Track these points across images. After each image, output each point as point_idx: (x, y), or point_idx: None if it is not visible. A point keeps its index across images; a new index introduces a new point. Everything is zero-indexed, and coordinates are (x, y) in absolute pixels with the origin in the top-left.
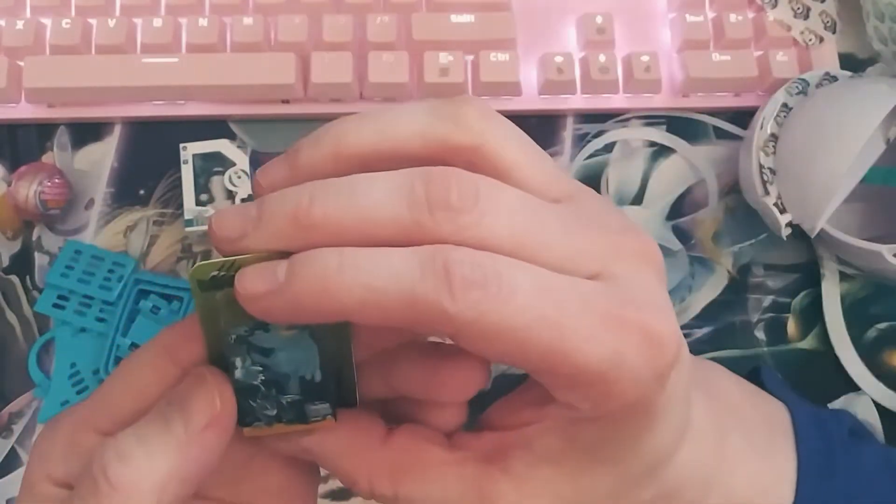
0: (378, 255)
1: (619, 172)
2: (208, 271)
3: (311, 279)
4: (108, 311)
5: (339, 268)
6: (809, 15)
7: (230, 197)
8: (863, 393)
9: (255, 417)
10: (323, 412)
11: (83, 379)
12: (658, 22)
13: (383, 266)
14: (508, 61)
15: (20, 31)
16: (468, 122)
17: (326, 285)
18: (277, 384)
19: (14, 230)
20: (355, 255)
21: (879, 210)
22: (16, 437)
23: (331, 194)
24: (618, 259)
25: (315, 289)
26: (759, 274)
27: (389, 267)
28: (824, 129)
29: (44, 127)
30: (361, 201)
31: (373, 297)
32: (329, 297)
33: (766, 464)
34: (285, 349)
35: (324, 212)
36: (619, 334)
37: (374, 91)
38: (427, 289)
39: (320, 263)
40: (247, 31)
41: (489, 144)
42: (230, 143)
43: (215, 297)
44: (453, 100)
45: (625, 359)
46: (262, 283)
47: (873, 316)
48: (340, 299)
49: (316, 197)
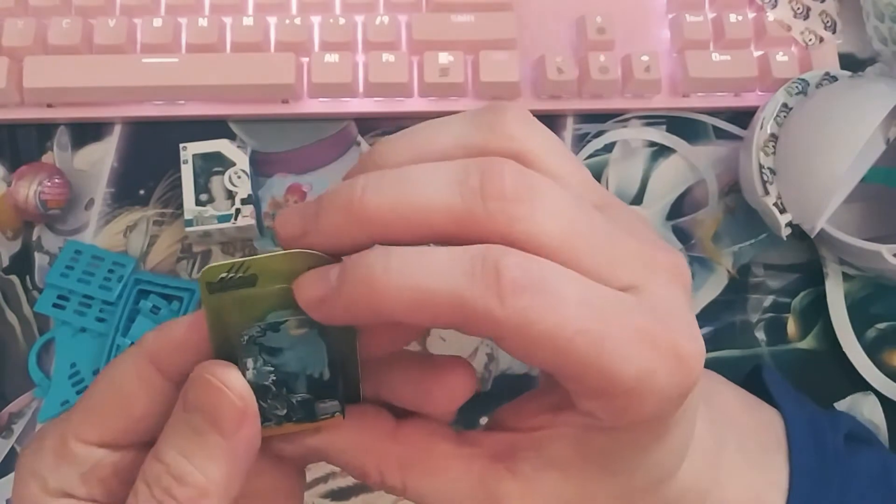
0: (427, 254)
1: (619, 172)
2: (217, 273)
3: (360, 282)
4: (108, 311)
5: (386, 270)
6: (809, 15)
7: (230, 197)
8: (868, 393)
9: (266, 418)
10: (332, 409)
11: (83, 379)
12: (658, 22)
13: (432, 267)
14: (508, 61)
15: (20, 31)
16: (507, 130)
17: (375, 288)
18: (287, 383)
19: (14, 230)
20: (403, 255)
21: (879, 210)
22: (16, 437)
23: (384, 184)
24: (652, 273)
25: (365, 292)
26: (759, 274)
27: (438, 268)
28: (824, 129)
29: (44, 127)
30: (414, 190)
31: (421, 298)
32: (379, 299)
33: (759, 476)
34: (294, 348)
35: (377, 202)
36: (652, 352)
37: (375, 91)
38: (476, 292)
39: (368, 265)
40: (246, 30)
41: (529, 151)
42: (230, 143)
43: (224, 299)
44: (491, 107)
45: (655, 376)
46: (318, 288)
47: (874, 316)
48: (390, 301)
49: (368, 187)
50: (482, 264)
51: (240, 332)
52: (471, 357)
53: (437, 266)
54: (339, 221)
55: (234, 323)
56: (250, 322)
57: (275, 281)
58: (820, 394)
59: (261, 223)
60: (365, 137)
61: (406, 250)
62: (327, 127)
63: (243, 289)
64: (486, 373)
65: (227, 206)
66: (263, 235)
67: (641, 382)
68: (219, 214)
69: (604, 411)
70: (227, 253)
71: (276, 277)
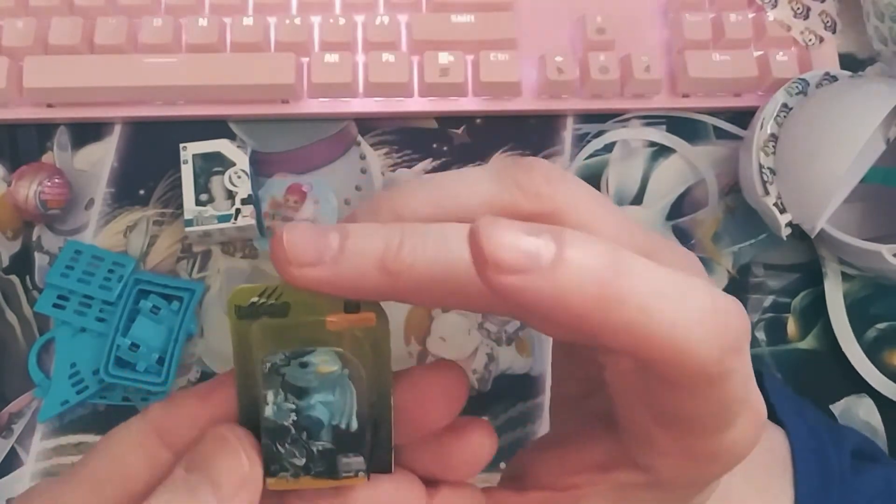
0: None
1: (619, 172)
2: (248, 297)
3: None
4: (108, 311)
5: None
6: (809, 15)
7: (230, 197)
8: (863, 395)
9: (282, 466)
10: (356, 467)
11: (83, 379)
12: (658, 22)
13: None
14: (508, 61)
15: (20, 31)
16: (535, 188)
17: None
18: (309, 429)
19: (14, 230)
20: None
21: (879, 210)
22: (16, 437)
23: (420, 239)
24: None
25: (372, 267)
26: (759, 274)
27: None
28: (824, 129)
29: (44, 127)
30: (455, 249)
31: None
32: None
33: (764, 502)
34: (321, 391)
35: (413, 258)
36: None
37: (374, 91)
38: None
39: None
40: (246, 31)
41: (559, 210)
42: (230, 143)
43: (252, 326)
44: (517, 163)
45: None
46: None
47: (873, 316)
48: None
49: (406, 240)
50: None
51: (265, 358)
52: (471, 357)
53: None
54: (365, 268)
55: (259, 352)
56: (276, 351)
57: (308, 313)
58: (819, 394)
59: (261, 223)
60: (365, 137)
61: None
62: (327, 127)
63: (274, 317)
64: (487, 373)
65: (227, 206)
66: (263, 235)
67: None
68: (219, 214)
69: (671, 465)
70: (228, 253)
71: (310, 309)
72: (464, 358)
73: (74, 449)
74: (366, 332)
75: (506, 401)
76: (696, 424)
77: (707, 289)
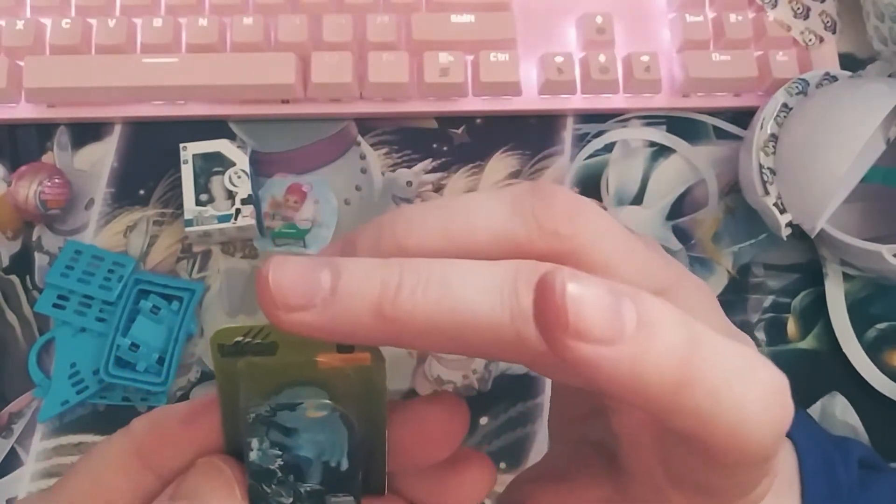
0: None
1: (619, 172)
2: (232, 336)
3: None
4: (107, 311)
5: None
6: (809, 15)
7: (230, 197)
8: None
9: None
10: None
11: (83, 379)
12: (658, 22)
13: (475, 284)
14: (508, 61)
15: (20, 30)
16: (554, 225)
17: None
18: (297, 469)
19: (14, 230)
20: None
21: (879, 210)
22: (16, 437)
23: (423, 287)
24: None
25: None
26: (759, 274)
27: (483, 284)
28: (824, 129)
29: (44, 127)
30: (458, 301)
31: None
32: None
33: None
34: (311, 430)
35: (412, 304)
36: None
37: (374, 91)
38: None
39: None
40: (247, 31)
41: (579, 250)
42: (230, 143)
43: (237, 365)
44: (535, 193)
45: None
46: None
47: (874, 316)
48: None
49: (404, 287)
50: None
51: (248, 406)
52: (471, 358)
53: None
54: (361, 314)
55: (246, 392)
56: (261, 397)
57: (297, 351)
58: (819, 393)
59: (261, 223)
60: (365, 137)
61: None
62: (327, 127)
63: (261, 356)
64: (486, 373)
65: (227, 206)
66: (263, 235)
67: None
68: (219, 214)
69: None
70: (228, 253)
71: (299, 347)
72: (464, 358)
73: (74, 449)
74: (359, 371)
75: (506, 401)
76: (718, 493)
77: (766, 365)
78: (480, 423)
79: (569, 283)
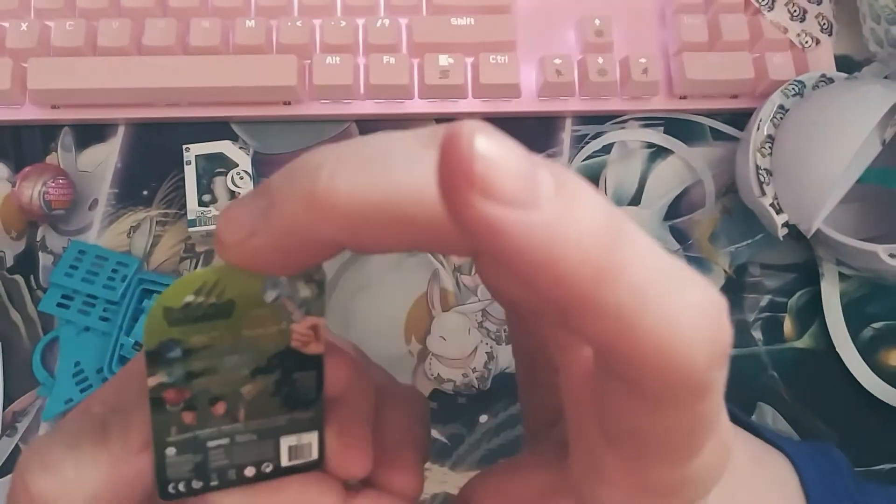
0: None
1: (617, 173)
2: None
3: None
4: (111, 311)
5: (332, 170)
6: (806, 17)
7: (233, 197)
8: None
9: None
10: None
11: (87, 378)
12: (656, 24)
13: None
14: (508, 63)
15: (24, 32)
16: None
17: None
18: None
19: (19, 230)
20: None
21: (876, 210)
22: (20, 436)
23: (356, 162)
24: None
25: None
26: (755, 274)
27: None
28: (821, 130)
29: (48, 128)
30: (397, 171)
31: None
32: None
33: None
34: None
35: (350, 186)
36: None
37: (375, 92)
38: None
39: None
40: (249, 33)
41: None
42: (232, 144)
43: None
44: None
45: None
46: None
47: (869, 315)
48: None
49: (339, 168)
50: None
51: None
52: (470, 356)
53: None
54: (297, 215)
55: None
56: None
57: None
58: (817, 393)
59: None
60: None
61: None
62: (328, 128)
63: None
64: (486, 371)
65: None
66: None
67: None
68: None
69: (618, 498)
70: None
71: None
72: (464, 357)
73: None
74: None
75: (505, 399)
76: (656, 448)
77: (704, 282)
78: (480, 421)
79: (478, 134)
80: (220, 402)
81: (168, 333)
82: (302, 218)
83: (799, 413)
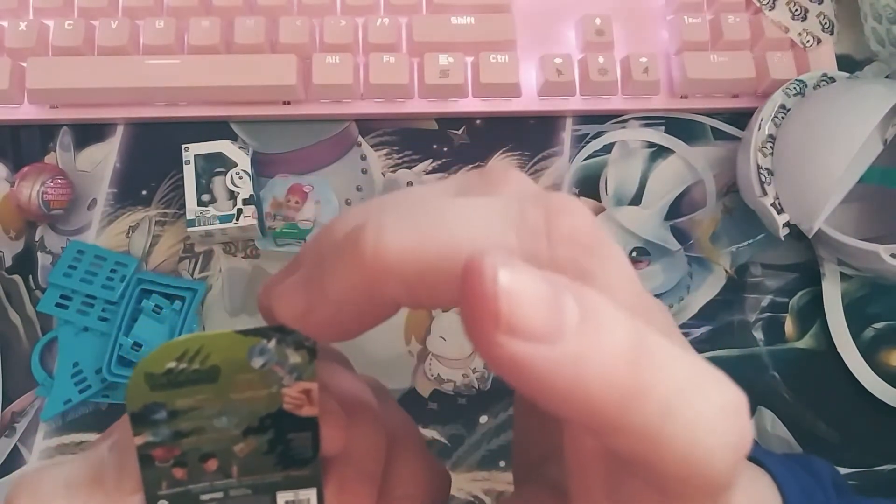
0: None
1: (617, 173)
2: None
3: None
4: (110, 311)
5: (379, 229)
6: (807, 16)
7: (232, 197)
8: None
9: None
10: None
11: (86, 378)
12: (656, 24)
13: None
14: (508, 63)
15: (23, 32)
16: (572, 254)
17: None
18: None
19: (17, 230)
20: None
21: (877, 210)
22: (18, 436)
23: (407, 220)
24: None
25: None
26: (756, 274)
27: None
28: (822, 129)
29: (46, 128)
30: (451, 229)
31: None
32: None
33: None
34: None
35: (399, 244)
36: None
37: (375, 92)
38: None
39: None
40: (248, 32)
41: (588, 283)
42: (232, 143)
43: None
44: (547, 206)
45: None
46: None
47: (871, 315)
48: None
49: (386, 227)
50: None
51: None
52: (471, 356)
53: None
54: (348, 280)
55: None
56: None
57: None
58: (817, 393)
59: (262, 223)
60: (365, 138)
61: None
62: (328, 128)
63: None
64: (486, 371)
65: (228, 206)
66: (265, 235)
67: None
68: (220, 214)
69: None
70: (229, 253)
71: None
72: (464, 357)
73: (77, 447)
74: None
75: (505, 399)
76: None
77: (723, 380)
78: (480, 422)
79: (501, 268)
80: (211, 458)
81: (151, 398)
82: (356, 282)
83: (800, 413)
